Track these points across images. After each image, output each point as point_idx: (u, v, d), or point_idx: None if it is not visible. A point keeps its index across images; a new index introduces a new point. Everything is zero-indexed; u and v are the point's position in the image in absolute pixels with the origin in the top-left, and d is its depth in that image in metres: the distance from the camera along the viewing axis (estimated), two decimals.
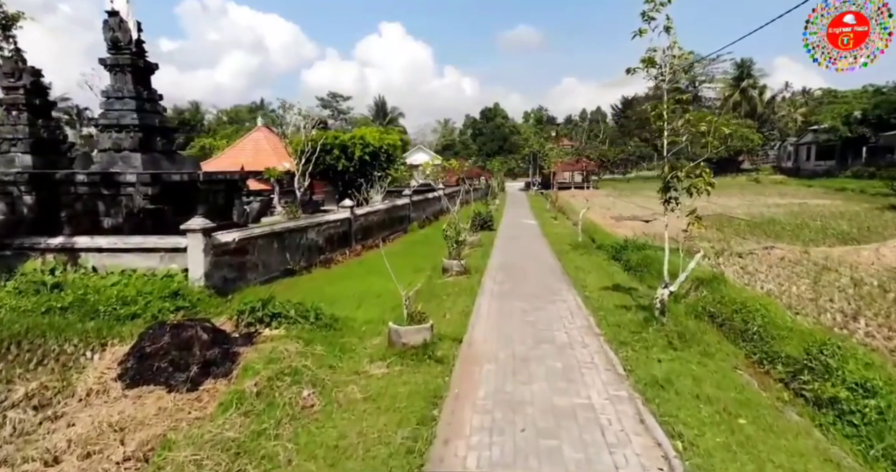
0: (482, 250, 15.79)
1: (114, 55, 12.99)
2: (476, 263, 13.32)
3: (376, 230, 19.91)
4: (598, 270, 12.27)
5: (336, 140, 21.88)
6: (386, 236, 20.99)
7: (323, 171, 22.14)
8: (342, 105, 66.87)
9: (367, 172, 22.20)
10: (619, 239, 16.95)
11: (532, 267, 12.77)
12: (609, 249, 14.77)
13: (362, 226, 18.44)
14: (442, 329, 7.42)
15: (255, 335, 6.66)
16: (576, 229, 21.84)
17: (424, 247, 18.98)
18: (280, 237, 12.76)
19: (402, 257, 16.67)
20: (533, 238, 18.90)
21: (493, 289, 10.36)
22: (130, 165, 12.87)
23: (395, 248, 19.25)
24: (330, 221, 15.75)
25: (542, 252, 15.43)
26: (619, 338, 6.94)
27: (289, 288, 11.86)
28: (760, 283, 10.07)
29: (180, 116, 58.53)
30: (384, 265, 15.71)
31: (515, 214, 29.95)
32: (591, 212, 29.38)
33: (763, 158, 64.40)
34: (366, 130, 22.79)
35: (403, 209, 23.62)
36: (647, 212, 27.64)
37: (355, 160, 21.85)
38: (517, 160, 74.89)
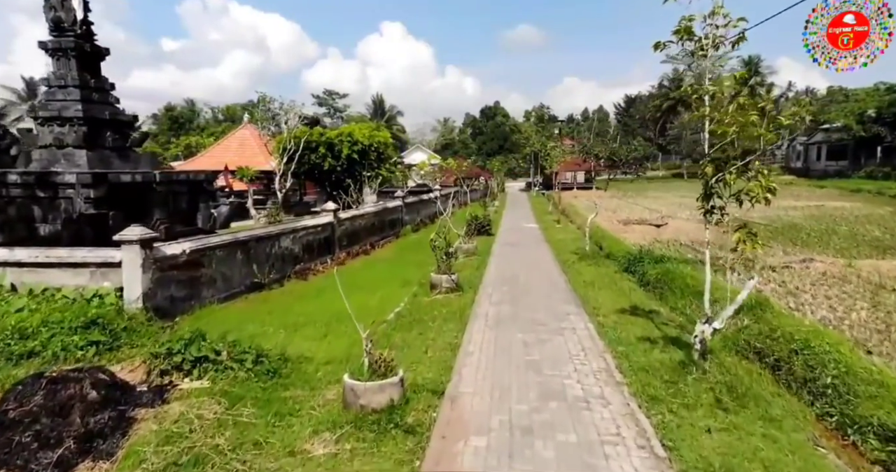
0: (478, 259, 14.14)
1: (56, 38, 11.36)
2: (470, 276, 11.68)
3: (364, 235, 18.26)
4: (610, 286, 10.61)
5: (322, 137, 20.25)
6: (376, 242, 19.37)
7: (308, 170, 20.51)
8: (338, 103, 65.25)
9: (355, 172, 20.58)
10: (630, 247, 15.35)
11: (534, 282, 11.13)
12: (620, 259, 13.13)
13: (347, 231, 16.80)
14: (420, 374, 5.78)
15: (169, 389, 5.02)
16: (581, 234, 20.21)
17: (416, 253, 17.34)
18: (245, 247, 11.12)
19: (391, 266, 15.05)
20: (535, 245, 17.25)
21: (487, 312, 8.71)
22: (74, 163, 11.23)
23: (384, 254, 17.62)
24: (308, 226, 14.10)
25: (546, 262, 13.78)
26: (649, 391, 5.29)
27: (252, 306, 10.24)
28: (809, 306, 8.42)
29: (168, 114, 56.86)
30: (368, 277, 14.09)
31: (516, 216, 28.30)
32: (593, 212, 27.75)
33: (770, 158, 62.61)
34: (354, 127, 21.17)
35: (395, 212, 21.97)
36: (655, 215, 25.97)
37: (343, 159, 20.23)
38: (518, 160, 73.24)
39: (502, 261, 13.94)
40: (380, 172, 21.42)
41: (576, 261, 13.48)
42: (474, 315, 8.51)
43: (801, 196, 34.61)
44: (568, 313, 8.59)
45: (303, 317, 9.16)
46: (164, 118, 55.62)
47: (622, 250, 14.73)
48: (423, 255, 17.55)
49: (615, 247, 15.43)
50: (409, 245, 19.71)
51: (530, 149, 55.11)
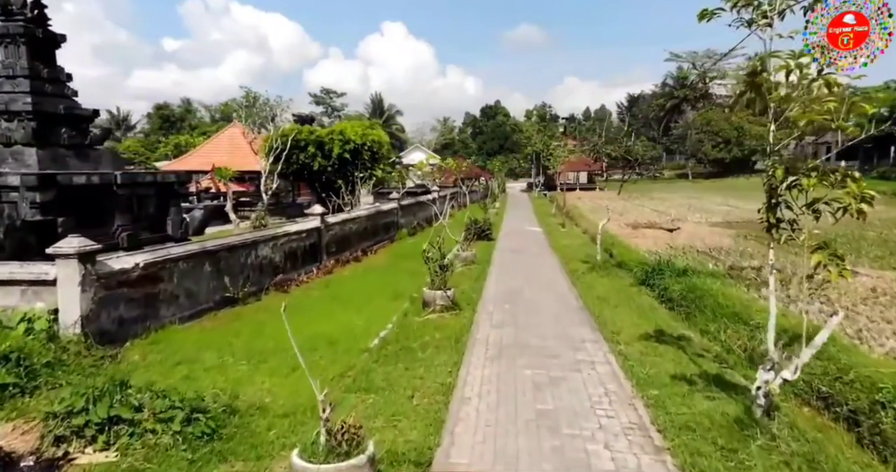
0: (477, 269, 12.86)
1: (3, 22, 10.09)
2: (468, 290, 10.41)
3: (355, 241, 16.99)
4: (627, 302, 9.34)
5: (312, 135, 18.97)
6: (368, 247, 18.10)
7: (297, 171, 19.25)
8: (336, 102, 63.93)
9: (348, 173, 19.31)
10: (643, 255, 14.10)
11: (541, 298, 9.85)
12: (635, 269, 11.86)
13: (336, 237, 15.53)
14: (402, 434, 4.51)
15: (61, 466, 3.74)
16: (588, 238, 18.94)
17: (411, 260, 16.06)
18: (214, 257, 9.84)
19: (382, 275, 13.80)
20: (539, 252, 15.98)
21: (488, 338, 7.44)
22: (23, 163, 9.97)
23: (376, 261, 16.35)
24: (291, 233, 12.83)
25: (553, 272, 12.51)
26: (701, 464, 4.01)
27: (219, 326, 8.98)
28: (869, 332, 7.13)
29: (159, 113, 55.59)
30: (356, 288, 12.81)
31: (518, 219, 27.03)
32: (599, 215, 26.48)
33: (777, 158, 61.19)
34: (346, 125, 19.90)
35: (390, 215, 20.70)
36: (664, 218, 24.68)
37: (334, 159, 18.96)
38: (519, 160, 71.99)
39: (504, 271, 12.67)
40: (374, 173, 20.15)
41: (585, 271, 12.21)
42: (472, 342, 7.24)
43: None
44: (583, 339, 7.32)
45: (273, 342, 7.89)
46: (154, 117, 54.29)
47: (635, 259, 13.47)
48: (418, 262, 16.25)
49: (627, 255, 14.16)
50: (404, 251, 18.42)
51: (532, 149, 53.85)
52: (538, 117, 72.48)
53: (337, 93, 64.96)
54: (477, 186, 35.52)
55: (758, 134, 54.86)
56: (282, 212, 20.76)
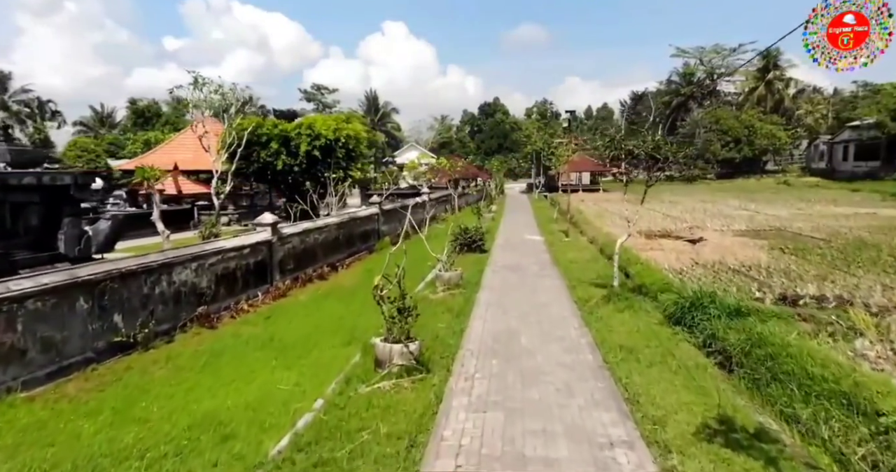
0: (461, 298, 10.18)
1: None
2: (444, 333, 7.77)
3: (321, 254, 14.33)
4: (663, 359, 6.67)
5: (275, 129, 16.29)
6: (340, 260, 15.45)
7: (259, 170, 16.58)
8: (328, 98, 61.06)
9: (318, 173, 16.65)
10: (668, 275, 11.47)
11: (545, 350, 7.17)
12: (663, 300, 9.21)
13: (295, 251, 12.87)
14: None
15: None
16: (596, 250, 16.28)
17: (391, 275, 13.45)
18: (96, 289, 7.17)
19: (346, 301, 11.19)
20: (540, 269, 13.30)
21: (462, 434, 4.78)
22: None
23: (346, 279, 13.69)
24: (227, 249, 10.17)
25: (558, 303, 9.84)
26: None
27: (84, 394, 6.33)
28: None
29: (133, 108, 52.84)
30: (305, 323, 10.10)
31: (516, 225, 24.34)
32: (608, 222, 23.87)
33: (787, 158, 58.68)
34: (317, 118, 17.18)
35: (369, 222, 18.03)
36: (680, 225, 21.99)
37: (301, 157, 16.30)
38: (518, 159, 69.31)
39: (496, 301, 9.99)
40: (350, 173, 17.49)
41: (599, 301, 9.53)
42: (435, 447, 4.56)
43: (839, 201, 30.64)
44: (611, 440, 4.65)
45: (141, 429, 5.26)
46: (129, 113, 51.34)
47: (658, 281, 10.81)
48: None
49: (647, 275, 11.49)
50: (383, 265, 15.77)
51: (532, 147, 51.17)
52: (539, 115, 69.68)
53: (329, 89, 62.12)
54: (470, 190, 32.65)
55: (768, 133, 52.24)
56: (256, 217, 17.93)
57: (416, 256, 14.06)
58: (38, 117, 59.59)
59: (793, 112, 57.98)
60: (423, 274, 12.89)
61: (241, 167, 16.71)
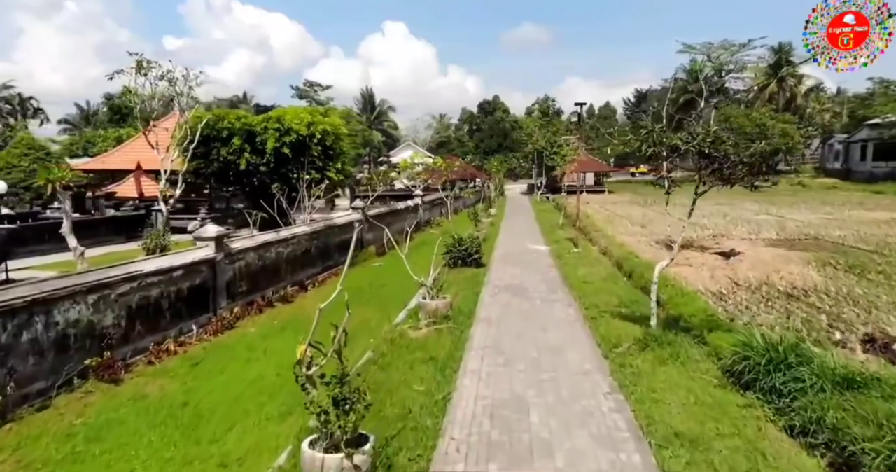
0: (450, 335, 7.86)
1: None
2: (419, 410, 5.43)
3: (286, 271, 12.03)
4: (751, 467, 4.34)
5: (238, 122, 13.93)
6: (312, 277, 13.17)
7: (219, 171, 14.24)
8: (320, 95, 58.65)
9: (289, 174, 14.33)
10: (710, 304, 9.23)
11: (568, 440, 4.84)
12: (712, 342, 6.93)
13: (249, 270, 10.57)
14: None
15: None
16: (611, 265, 13.97)
17: (366, 298, 11.15)
18: None
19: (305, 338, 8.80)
20: (548, 292, 10.97)
21: None
22: None
23: (314, 302, 11.34)
24: (147, 273, 7.86)
25: (575, 346, 7.52)
26: None
27: None
28: None
29: (108, 103, 50.41)
30: (237, 378, 7.38)
31: (517, 232, 21.99)
32: (621, 229, 21.53)
33: (799, 158, 56.29)
34: (288, 110, 14.77)
35: (348, 230, 15.70)
36: (702, 232, 19.66)
37: (268, 155, 13.97)
38: (519, 159, 66.96)
39: (494, 343, 7.66)
40: (327, 174, 15.15)
41: (633, 346, 7.20)
42: None
43: (867, 204, 28.34)
44: None
45: None
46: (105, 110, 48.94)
47: (699, 311, 8.59)
48: (377, 302, 11.34)
49: (684, 302, 9.21)
50: (362, 281, 13.46)
51: (533, 146, 48.82)
52: (540, 112, 67.22)
53: (322, 85, 59.68)
54: (465, 193, 30.18)
55: (781, 131, 49.85)
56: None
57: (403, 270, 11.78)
58: (19, 114, 57.27)
59: (804, 110, 55.62)
60: (407, 297, 10.58)
61: (199, 167, 14.41)
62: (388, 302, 10.93)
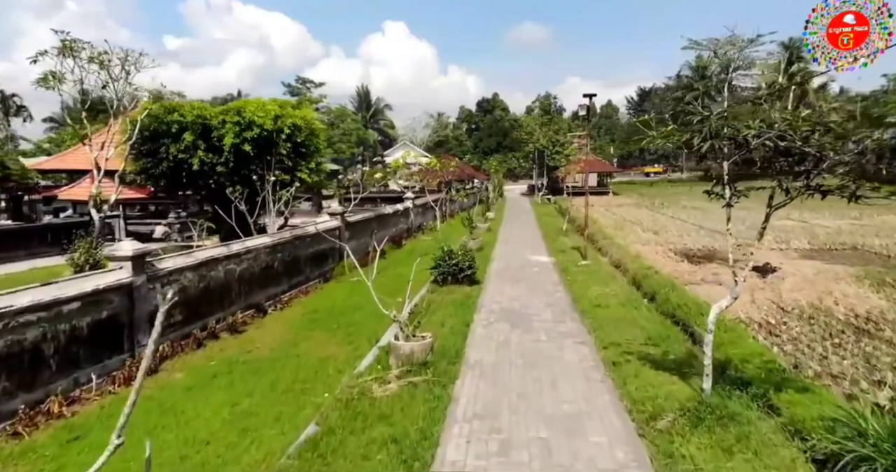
0: (426, 396, 5.81)
1: None
2: None
3: (241, 292, 10.01)
4: None
5: (191, 114, 11.81)
6: (276, 297, 11.19)
7: (170, 171, 12.14)
8: (313, 92, 56.54)
9: (251, 175, 12.28)
10: (767, 349, 7.25)
11: None
12: (786, 411, 4.95)
13: (186, 294, 8.54)
14: None
15: None
16: (627, 282, 11.96)
17: (338, 327, 9.13)
18: None
19: (249, 390, 6.92)
20: (556, 322, 8.93)
21: None
22: None
23: (271, 333, 9.31)
24: (24, 309, 5.83)
25: (599, 415, 5.48)
26: None
27: None
28: None
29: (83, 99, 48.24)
30: None
31: (518, 239, 19.93)
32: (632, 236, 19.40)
33: None
34: (250, 101, 12.63)
35: (322, 240, 13.68)
36: (723, 241, 17.61)
37: (227, 153, 11.90)
38: (518, 159, 64.94)
39: (487, 410, 5.63)
40: (300, 175, 13.10)
41: (679, 418, 5.17)
42: None
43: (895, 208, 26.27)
44: None
45: None
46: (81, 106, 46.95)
47: (754, 355, 6.75)
48: (346, 331, 9.33)
49: (730, 341, 7.24)
50: (334, 300, 11.43)
51: (534, 146, 46.80)
52: (542, 110, 64.99)
53: (315, 82, 57.44)
54: (459, 196, 27.91)
55: None
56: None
57: (388, 284, 9.77)
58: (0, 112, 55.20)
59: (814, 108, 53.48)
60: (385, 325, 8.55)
61: (146, 166, 12.37)
62: (361, 330, 8.91)
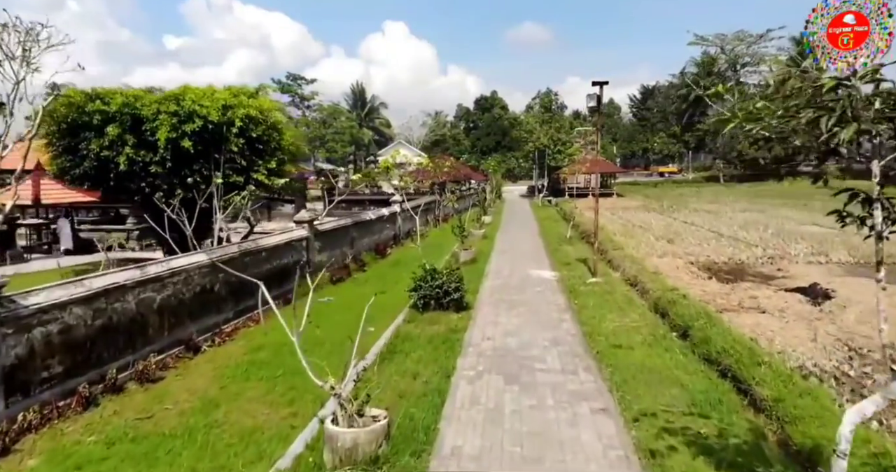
0: None
1: None
2: None
3: (162, 327, 7.88)
4: None
5: (118, 99, 9.65)
6: (216, 327, 9.06)
7: (94, 172, 9.96)
8: (305, 90, 54.40)
9: (194, 176, 10.13)
10: (876, 440, 5.06)
11: None
12: None
13: (64, 339, 6.37)
14: None
15: None
16: (648, 306, 9.87)
17: (287, 373, 7.05)
18: None
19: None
20: (565, 375, 6.80)
21: None
22: None
23: (199, 376, 7.20)
24: None
25: None
26: None
27: None
28: None
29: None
30: None
31: (517, 249, 17.77)
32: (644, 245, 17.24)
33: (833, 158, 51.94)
34: (192, 88, 10.45)
35: (285, 253, 11.56)
36: (749, 251, 15.51)
37: (162, 150, 9.74)
38: (518, 159, 62.85)
39: None
40: (255, 176, 10.98)
41: None
42: None
43: None
44: None
45: None
46: None
47: (856, 442, 4.36)
48: (291, 385, 7.21)
49: (806, 409, 5.12)
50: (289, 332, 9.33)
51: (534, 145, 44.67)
52: (542, 107, 62.79)
53: (307, 79, 55.22)
54: (448, 200, 25.67)
55: None
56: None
57: (354, 306, 7.73)
58: None
59: None
60: None
61: (65, 165, 10.23)
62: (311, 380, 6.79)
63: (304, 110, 55.22)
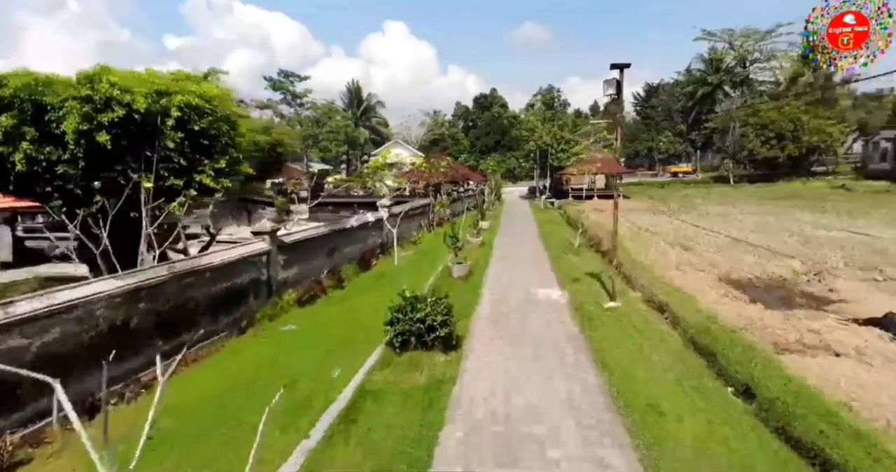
0: None
1: None
2: None
3: (46, 385, 5.70)
4: None
5: (16, 84, 7.65)
6: (135, 374, 7.06)
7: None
8: (297, 87, 52.26)
9: (117, 178, 8.15)
10: None
11: None
12: None
13: None
14: None
15: None
16: (682, 340, 7.90)
17: (223, 436, 5.07)
18: None
19: None
20: (592, 469, 4.77)
21: None
22: None
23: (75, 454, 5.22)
24: None
25: None
26: None
27: None
28: None
29: None
30: None
31: (517, 261, 15.67)
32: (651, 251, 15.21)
33: (833, 157, 50.10)
34: (113, 70, 8.50)
35: (245, 269, 9.55)
36: (779, 262, 13.47)
37: (72, 146, 7.74)
38: (518, 159, 60.80)
39: None
40: (199, 179, 9.00)
41: None
42: None
43: None
44: None
45: None
46: None
47: None
48: (219, 456, 5.11)
49: None
50: (230, 380, 7.31)
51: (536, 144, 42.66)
52: (544, 105, 60.55)
53: (299, 76, 53.03)
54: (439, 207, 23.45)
55: (817, 128, 43.88)
56: None
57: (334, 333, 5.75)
58: None
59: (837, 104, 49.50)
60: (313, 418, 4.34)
61: None
62: (239, 465, 4.79)
63: (296, 108, 53.07)
